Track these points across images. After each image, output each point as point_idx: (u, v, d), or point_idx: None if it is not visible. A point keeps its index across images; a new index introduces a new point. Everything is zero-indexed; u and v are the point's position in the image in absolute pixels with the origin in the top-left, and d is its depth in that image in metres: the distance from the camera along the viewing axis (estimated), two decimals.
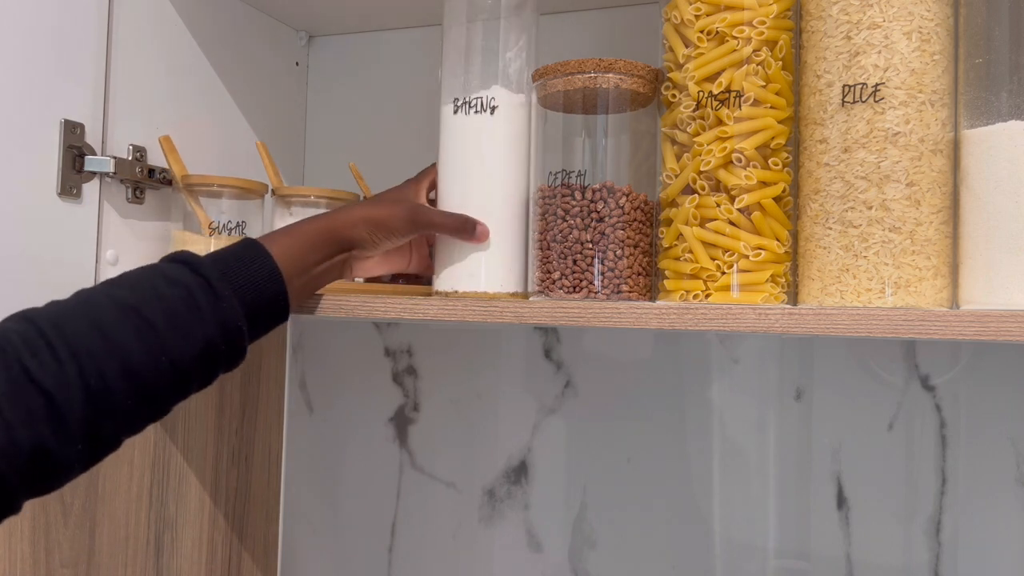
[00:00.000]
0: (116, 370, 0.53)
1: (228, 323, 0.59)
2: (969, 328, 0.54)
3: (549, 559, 0.98)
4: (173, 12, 0.89)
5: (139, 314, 0.55)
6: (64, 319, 0.53)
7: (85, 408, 0.52)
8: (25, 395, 0.50)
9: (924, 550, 0.83)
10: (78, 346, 0.52)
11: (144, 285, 0.57)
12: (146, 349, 0.54)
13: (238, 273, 0.61)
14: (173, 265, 0.59)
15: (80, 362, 0.52)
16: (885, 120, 0.60)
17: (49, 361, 0.51)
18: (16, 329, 0.52)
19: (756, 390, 0.90)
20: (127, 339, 0.54)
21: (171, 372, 0.56)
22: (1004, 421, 0.81)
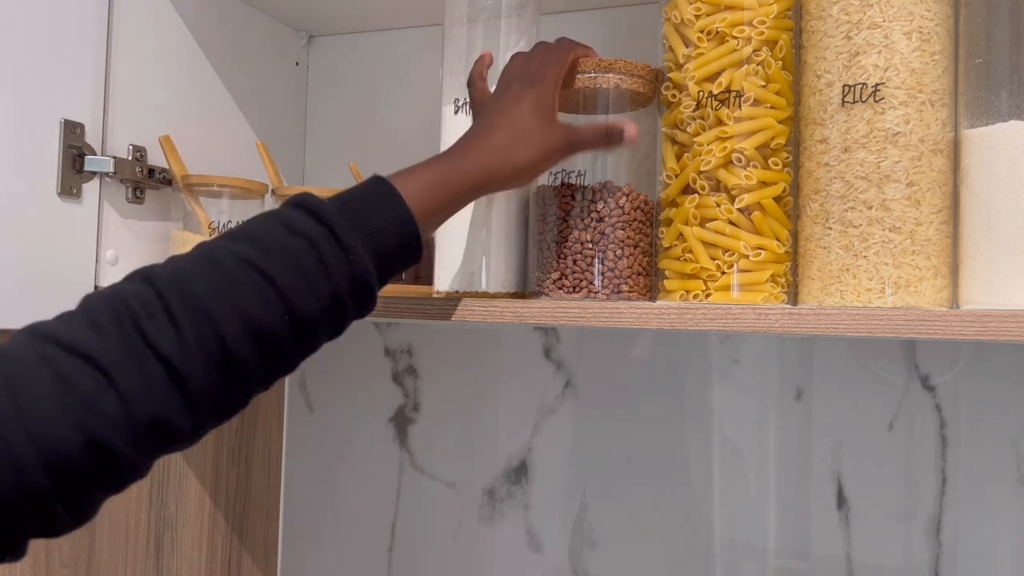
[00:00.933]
0: (237, 332, 0.50)
1: (356, 274, 0.55)
2: (969, 328, 0.54)
3: (549, 559, 0.98)
4: (173, 12, 0.89)
5: (259, 270, 0.51)
6: (183, 279, 0.50)
7: (206, 373, 0.49)
8: (142, 363, 0.47)
9: (924, 550, 0.83)
10: (197, 308, 0.49)
11: (264, 236, 0.53)
12: (268, 308, 0.51)
13: (366, 219, 0.57)
14: (296, 212, 0.55)
15: (199, 326, 0.49)
16: (885, 120, 0.60)
17: (166, 326, 0.48)
18: (134, 291, 0.50)
19: (756, 390, 0.90)
20: (248, 298, 0.51)
21: (296, 329, 0.53)
22: (1004, 421, 0.81)
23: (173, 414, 0.48)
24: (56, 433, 0.44)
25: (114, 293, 0.50)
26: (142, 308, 0.48)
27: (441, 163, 0.63)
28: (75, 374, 0.46)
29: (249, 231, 0.54)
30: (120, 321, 0.48)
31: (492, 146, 0.63)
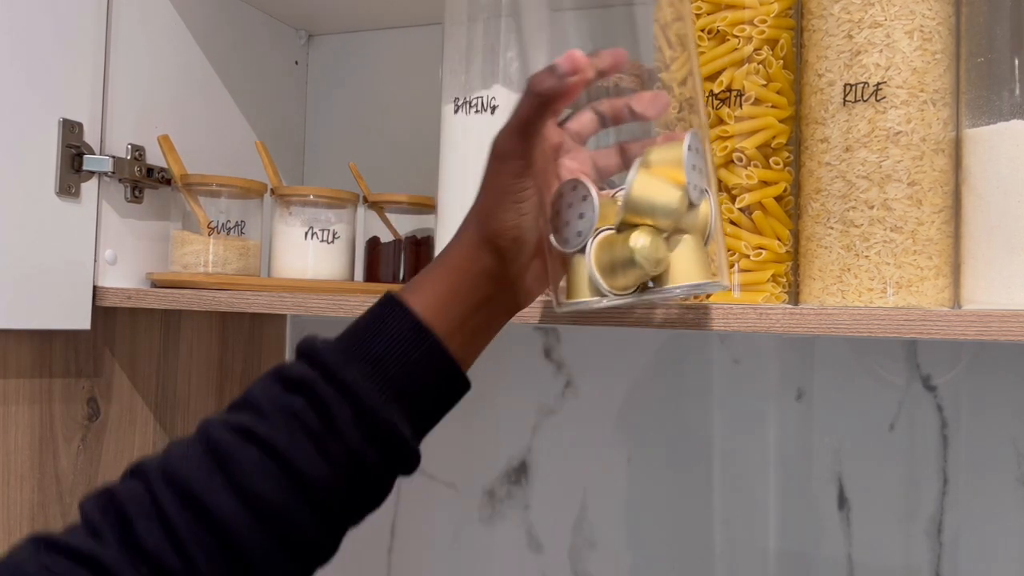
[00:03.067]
0: (238, 516, 0.44)
1: (366, 416, 0.46)
2: (971, 328, 0.54)
3: (549, 559, 0.98)
4: (172, 11, 0.89)
5: (257, 439, 0.45)
6: (173, 469, 0.45)
7: (211, 567, 0.43)
8: (140, 565, 0.43)
9: (925, 550, 0.83)
10: (189, 499, 0.44)
11: (261, 398, 0.47)
12: (272, 483, 0.44)
13: (368, 345, 0.47)
14: (294, 362, 0.48)
15: (192, 518, 0.44)
16: (887, 119, 0.60)
17: (157, 525, 0.43)
18: (125, 489, 0.45)
19: (757, 390, 0.89)
20: (246, 476, 0.44)
21: (309, 502, 0.45)
22: (1006, 421, 0.81)
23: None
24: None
25: (104, 492, 0.46)
26: (135, 507, 0.44)
27: (439, 257, 0.53)
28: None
29: (248, 395, 0.48)
30: (113, 524, 0.44)
31: (475, 210, 0.52)
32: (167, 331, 0.93)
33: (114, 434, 0.86)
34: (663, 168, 0.48)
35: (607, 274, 0.47)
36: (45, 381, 0.79)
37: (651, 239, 0.46)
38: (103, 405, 0.85)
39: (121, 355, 0.87)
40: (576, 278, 0.49)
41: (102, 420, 0.85)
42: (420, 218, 0.91)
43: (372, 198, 0.89)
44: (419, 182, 0.91)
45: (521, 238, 0.49)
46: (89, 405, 0.84)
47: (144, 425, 0.90)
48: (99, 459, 0.85)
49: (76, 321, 0.79)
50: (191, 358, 0.96)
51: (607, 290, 0.47)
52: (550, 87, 0.46)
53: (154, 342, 0.91)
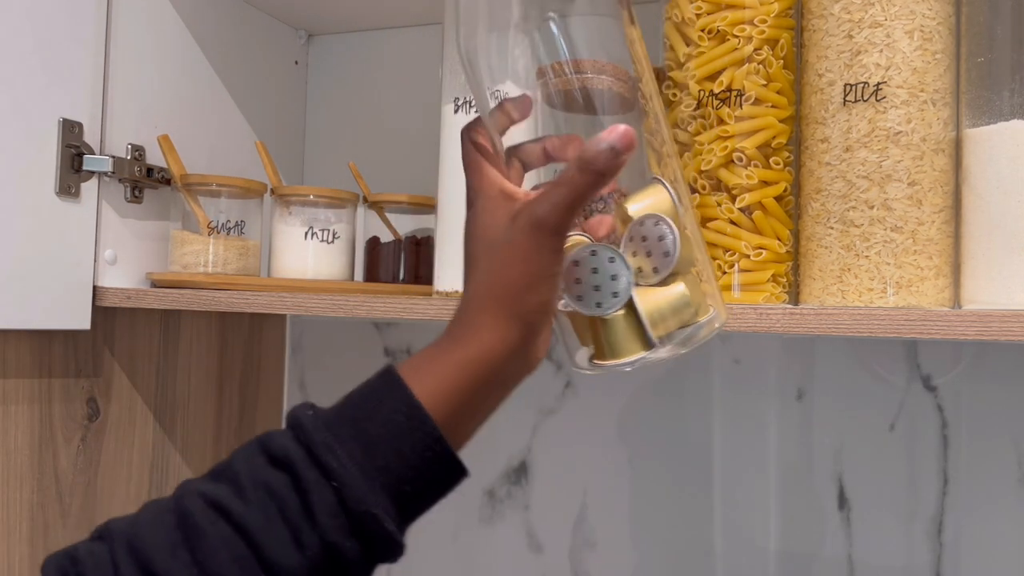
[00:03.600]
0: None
1: (349, 507, 0.42)
2: (971, 328, 0.54)
3: (549, 559, 0.98)
4: (172, 10, 0.89)
5: (230, 517, 0.42)
6: (139, 537, 0.42)
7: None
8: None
9: (926, 551, 0.83)
10: (152, 572, 0.41)
11: (243, 469, 0.43)
12: (237, 567, 0.41)
13: (362, 427, 0.43)
14: (282, 432, 0.44)
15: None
16: (887, 119, 0.60)
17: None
18: (88, 550, 0.43)
19: (757, 390, 0.89)
20: (213, 556, 0.41)
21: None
22: (1006, 421, 0.81)
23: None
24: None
25: (67, 553, 0.44)
26: (94, 571, 0.42)
27: (454, 337, 0.47)
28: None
29: (230, 463, 0.44)
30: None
31: (477, 275, 0.48)
32: (167, 331, 0.93)
33: (114, 434, 0.86)
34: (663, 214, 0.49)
35: (654, 324, 0.48)
36: (45, 381, 0.79)
37: (691, 286, 0.48)
38: (103, 405, 0.85)
39: (121, 355, 0.87)
40: (616, 336, 0.48)
41: (102, 420, 0.85)
42: (420, 218, 0.91)
43: (372, 198, 0.89)
44: (419, 182, 0.91)
45: (552, 312, 0.46)
46: (89, 405, 0.84)
47: (144, 425, 0.90)
48: (99, 459, 0.85)
49: (76, 321, 0.79)
50: (191, 358, 0.96)
51: (657, 340, 0.47)
52: (609, 166, 0.44)
53: (154, 342, 0.91)
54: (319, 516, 0.42)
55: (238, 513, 0.41)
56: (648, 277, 0.48)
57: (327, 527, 0.42)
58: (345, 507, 0.42)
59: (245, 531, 0.41)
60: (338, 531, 0.42)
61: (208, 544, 0.41)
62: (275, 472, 0.42)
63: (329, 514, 0.42)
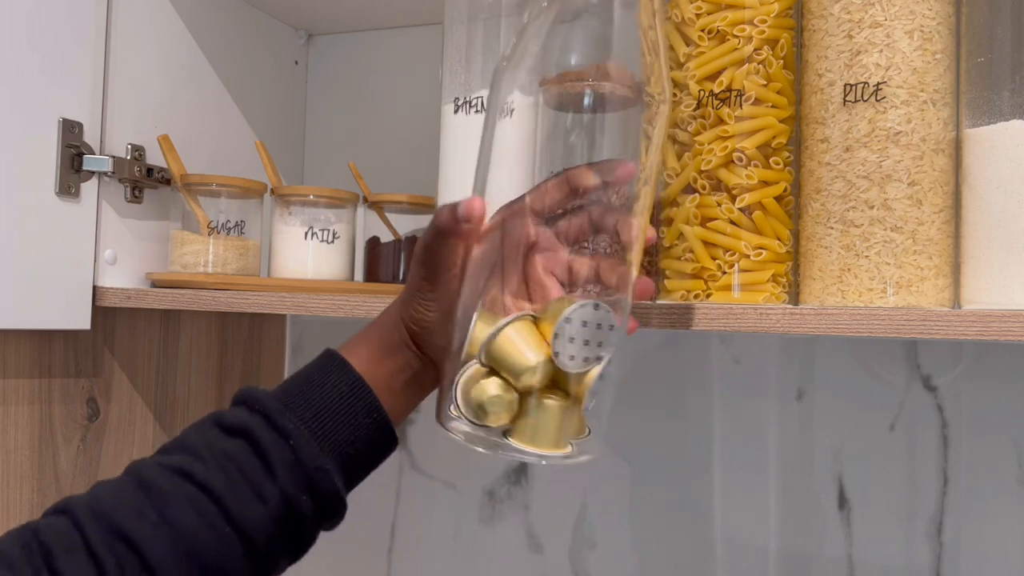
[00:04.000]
0: (167, 554, 0.43)
1: (304, 464, 0.46)
2: (971, 328, 0.54)
3: (549, 559, 0.98)
4: (172, 10, 0.89)
5: (192, 479, 0.45)
6: (101, 503, 0.45)
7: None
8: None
9: (926, 551, 0.83)
10: (117, 534, 0.43)
11: (197, 442, 0.47)
12: (203, 520, 0.44)
13: (309, 397, 0.49)
14: (232, 408, 0.49)
15: (120, 554, 0.43)
16: (887, 119, 0.60)
17: (83, 559, 0.42)
18: (48, 524, 0.45)
19: (757, 390, 0.89)
20: (178, 513, 0.44)
21: (242, 543, 0.45)
22: (1006, 421, 0.81)
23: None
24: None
25: (26, 527, 0.45)
26: (57, 542, 0.43)
27: (374, 320, 0.55)
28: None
29: (183, 439, 0.48)
30: (31, 558, 0.43)
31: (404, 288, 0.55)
32: (167, 331, 0.93)
33: (114, 434, 0.86)
34: (546, 327, 0.48)
35: (466, 405, 0.48)
36: (45, 381, 0.79)
37: (497, 393, 0.47)
38: (103, 405, 0.85)
39: (121, 355, 0.87)
40: (446, 392, 0.49)
41: (102, 420, 0.85)
42: (420, 218, 0.91)
43: (372, 198, 0.89)
44: (419, 182, 0.91)
45: (429, 330, 0.51)
46: (89, 405, 0.84)
47: (144, 425, 0.90)
48: (99, 459, 0.85)
49: (76, 321, 0.79)
50: (191, 358, 0.96)
51: (465, 416, 0.48)
52: (445, 225, 0.49)
53: (154, 342, 0.91)
54: (278, 470, 0.46)
55: (201, 474, 0.45)
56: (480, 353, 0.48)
57: (286, 480, 0.46)
58: (301, 463, 0.46)
59: (209, 489, 0.45)
60: (295, 484, 0.46)
61: (174, 503, 0.44)
62: (232, 440, 0.47)
63: (288, 468, 0.46)
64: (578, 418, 0.49)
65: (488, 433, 0.48)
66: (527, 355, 0.47)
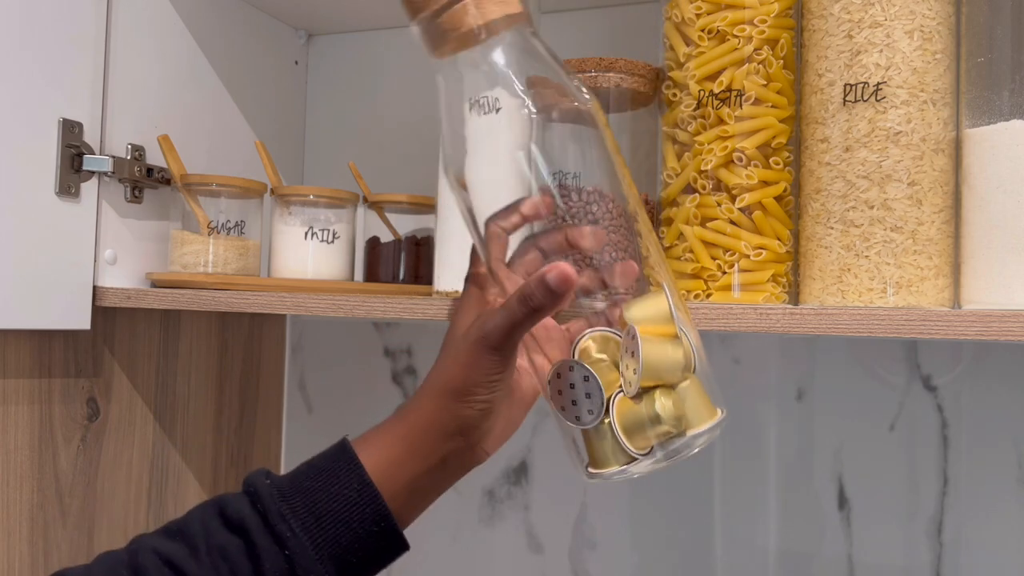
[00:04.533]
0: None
1: (298, 574, 0.45)
2: (971, 328, 0.54)
3: (549, 560, 0.98)
4: (172, 10, 0.89)
5: (181, 573, 0.44)
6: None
7: None
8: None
9: (926, 551, 0.83)
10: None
11: (198, 530, 0.46)
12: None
13: (315, 498, 0.46)
14: (238, 496, 0.47)
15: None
16: (887, 119, 0.60)
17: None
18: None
19: (757, 390, 0.89)
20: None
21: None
22: (1006, 421, 0.81)
23: None
24: None
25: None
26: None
27: (400, 411, 0.52)
28: None
29: (186, 522, 0.47)
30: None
31: (436, 364, 0.52)
32: (167, 331, 0.93)
33: (114, 434, 0.86)
34: (655, 326, 0.49)
35: (631, 438, 0.48)
36: (45, 381, 0.79)
37: (672, 400, 0.48)
38: (103, 405, 0.85)
39: (121, 355, 0.87)
40: (601, 448, 0.49)
41: (102, 420, 0.85)
42: (420, 218, 0.91)
43: (372, 198, 0.89)
44: (419, 182, 0.91)
45: (488, 413, 0.49)
46: (89, 405, 0.84)
47: (144, 425, 0.90)
48: (98, 459, 0.85)
49: (76, 321, 0.79)
50: (191, 358, 0.96)
51: (636, 453, 0.48)
52: (544, 303, 0.46)
53: (154, 342, 0.91)
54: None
55: (192, 573, 0.44)
56: (632, 387, 0.48)
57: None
58: (294, 573, 0.45)
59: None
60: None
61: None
62: (230, 536, 0.45)
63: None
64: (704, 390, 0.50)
65: (664, 448, 0.48)
66: (673, 349, 0.48)
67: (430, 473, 0.50)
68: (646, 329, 0.48)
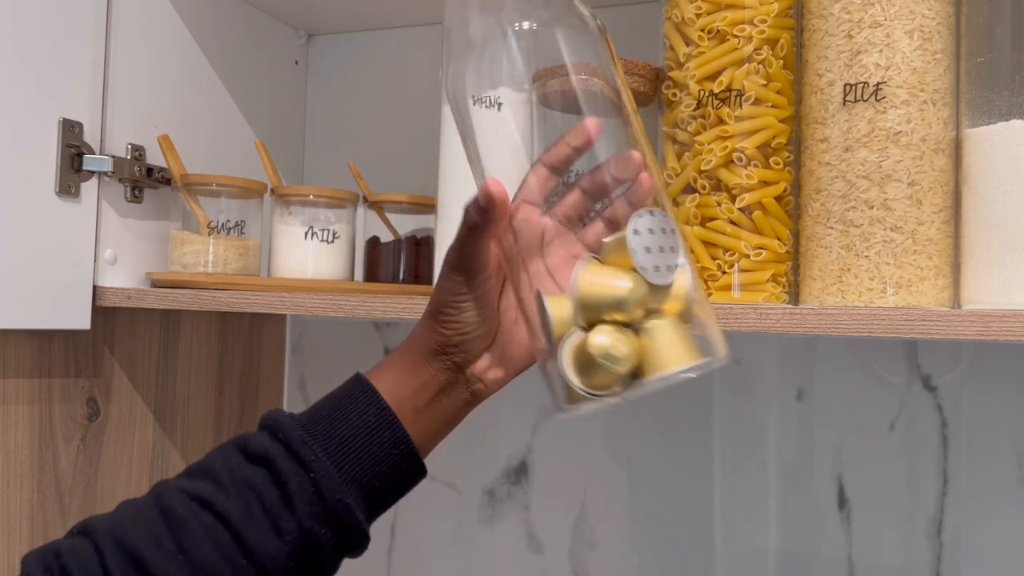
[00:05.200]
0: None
1: (325, 496, 0.46)
2: (971, 328, 0.54)
3: (549, 559, 0.98)
4: (172, 10, 0.89)
5: (212, 508, 0.45)
6: (123, 528, 0.45)
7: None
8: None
9: (925, 550, 0.83)
10: (135, 562, 0.44)
11: (221, 468, 0.47)
12: (221, 553, 0.44)
13: (334, 426, 0.47)
14: (257, 432, 0.48)
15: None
16: (887, 119, 0.60)
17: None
18: (70, 546, 0.46)
19: (757, 390, 0.89)
20: (196, 544, 0.44)
21: (259, 575, 0.45)
22: (1006, 421, 0.81)
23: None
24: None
25: (49, 548, 0.46)
26: (76, 565, 0.44)
27: (403, 344, 0.53)
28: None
29: (207, 463, 0.48)
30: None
31: (429, 303, 0.53)
32: (167, 331, 0.93)
33: (114, 434, 0.86)
34: (616, 257, 0.47)
35: (584, 376, 0.46)
36: (45, 381, 0.79)
37: (612, 337, 0.45)
38: (103, 405, 0.85)
39: (121, 355, 0.87)
40: (558, 384, 0.48)
41: (102, 420, 0.85)
42: (420, 218, 0.91)
43: (372, 198, 0.89)
44: (419, 182, 0.91)
45: (464, 342, 0.51)
46: (89, 405, 0.84)
47: (144, 425, 0.90)
48: (98, 459, 0.85)
49: (76, 321, 0.79)
50: (191, 358, 0.96)
51: (587, 392, 0.46)
52: (475, 219, 0.47)
53: (154, 342, 0.91)
54: (297, 503, 0.45)
55: (220, 504, 0.45)
56: None
57: (304, 514, 0.45)
58: (321, 496, 0.45)
59: (227, 520, 0.44)
60: (314, 518, 0.45)
61: (191, 533, 0.44)
62: (254, 468, 0.46)
63: (307, 501, 0.45)
64: (688, 332, 0.47)
65: (622, 385, 0.46)
66: (618, 283, 0.46)
67: (435, 399, 0.51)
68: (608, 260, 0.47)
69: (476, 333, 0.51)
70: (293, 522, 0.45)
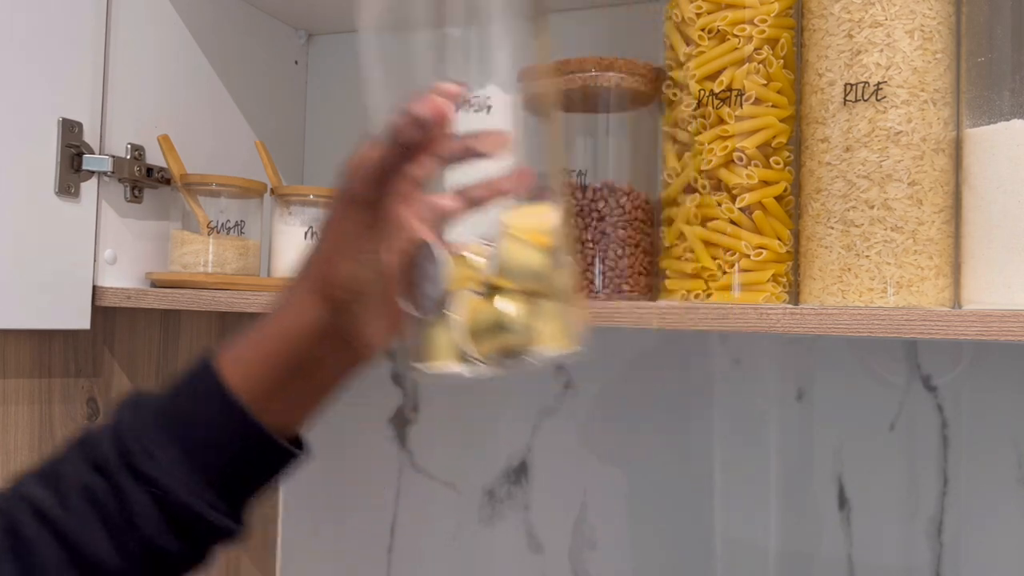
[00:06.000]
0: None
1: (170, 508, 0.43)
2: (971, 328, 0.54)
3: (549, 559, 0.98)
4: (171, 10, 0.89)
5: (53, 524, 0.44)
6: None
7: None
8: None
9: (925, 551, 0.83)
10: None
11: (68, 473, 0.45)
12: (60, 573, 0.43)
13: (178, 421, 0.44)
14: (104, 434, 0.45)
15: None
16: (887, 119, 0.60)
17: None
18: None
19: (757, 390, 0.89)
20: (39, 566, 0.43)
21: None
22: (1006, 421, 0.81)
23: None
24: None
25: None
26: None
27: (269, 313, 0.48)
28: None
29: (55, 465, 0.46)
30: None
31: (311, 259, 0.48)
32: (166, 331, 0.93)
33: None
34: (529, 232, 0.46)
35: (474, 339, 0.45)
36: (45, 381, 0.79)
37: (522, 305, 0.45)
38: (103, 405, 0.85)
39: (121, 355, 0.87)
40: (434, 342, 0.46)
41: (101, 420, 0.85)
42: None
43: None
44: None
45: (360, 291, 0.45)
46: (89, 405, 0.84)
47: None
48: None
49: (76, 321, 0.79)
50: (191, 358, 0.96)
51: (474, 357, 0.45)
52: (410, 137, 0.43)
53: (154, 342, 0.91)
54: (138, 521, 0.43)
55: (61, 521, 0.43)
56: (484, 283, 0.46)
57: (147, 530, 0.43)
58: (164, 510, 0.43)
59: (65, 538, 0.43)
60: (159, 533, 0.43)
61: (33, 553, 0.43)
62: (96, 477, 0.44)
63: (147, 517, 0.43)
64: (568, 319, 0.48)
65: (503, 355, 0.45)
66: (539, 254, 0.46)
67: (303, 374, 0.46)
68: (519, 231, 0.46)
69: (372, 288, 0.45)
70: (135, 539, 0.43)
